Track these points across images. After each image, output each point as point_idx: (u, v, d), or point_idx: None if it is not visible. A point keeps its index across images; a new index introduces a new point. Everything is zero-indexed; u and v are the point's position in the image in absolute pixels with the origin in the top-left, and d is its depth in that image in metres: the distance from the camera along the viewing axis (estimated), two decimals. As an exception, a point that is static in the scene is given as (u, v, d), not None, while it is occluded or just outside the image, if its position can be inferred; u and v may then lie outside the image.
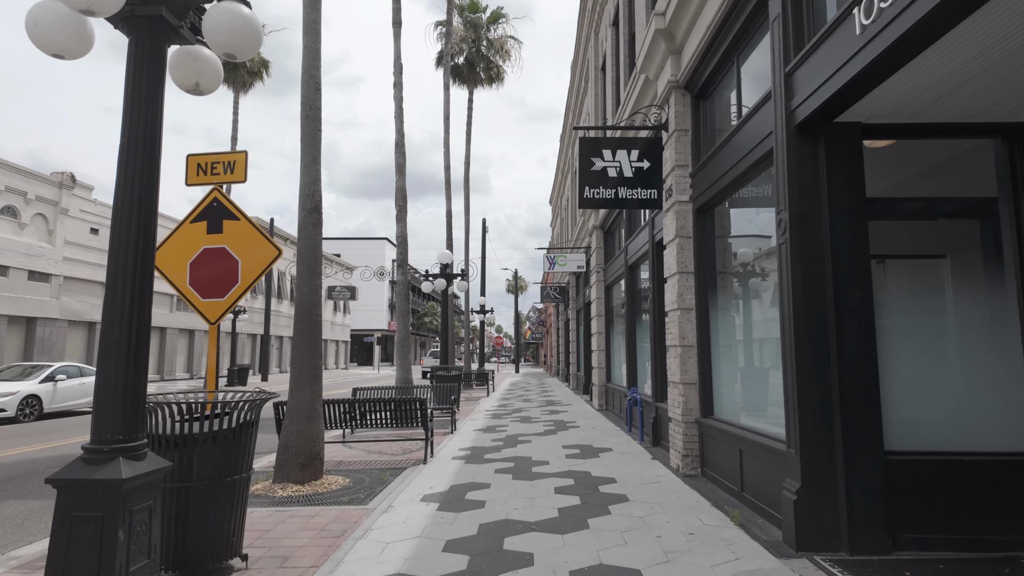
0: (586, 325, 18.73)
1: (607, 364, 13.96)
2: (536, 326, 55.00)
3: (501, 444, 9.24)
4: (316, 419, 6.83)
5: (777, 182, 4.54)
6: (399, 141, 13.20)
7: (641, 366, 10.54)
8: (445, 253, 16.11)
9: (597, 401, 14.12)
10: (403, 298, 12.75)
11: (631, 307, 10.99)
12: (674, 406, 6.88)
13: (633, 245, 10.59)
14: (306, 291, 7.02)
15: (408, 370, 12.60)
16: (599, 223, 14.19)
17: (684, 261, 6.77)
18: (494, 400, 18.02)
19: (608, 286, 14.00)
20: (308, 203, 7.14)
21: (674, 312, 6.87)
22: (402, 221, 12.95)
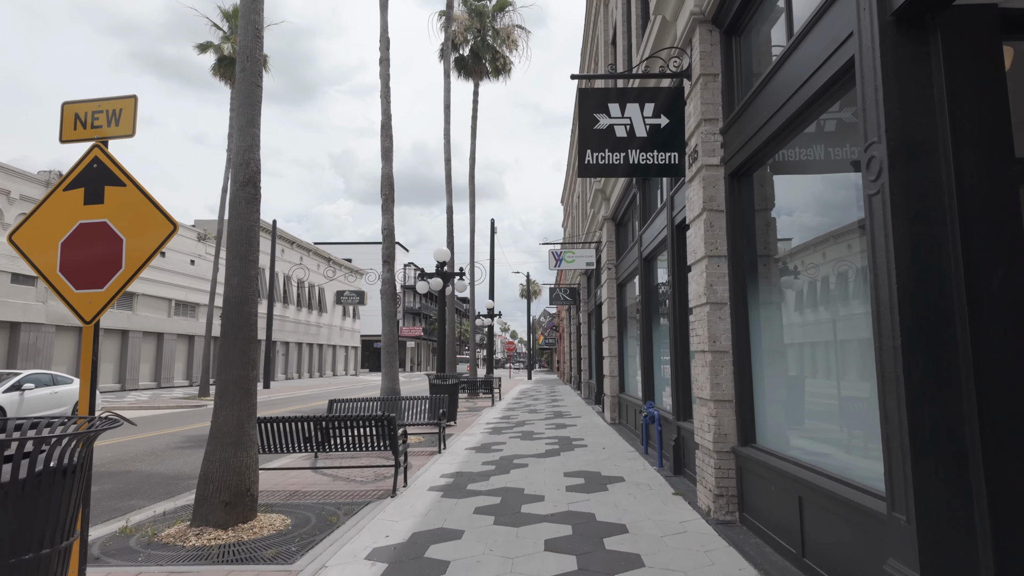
0: (597, 329, 17.19)
1: (620, 372, 12.41)
2: (549, 331, 53.39)
3: (492, 469, 7.75)
4: (245, 445, 5.40)
5: (863, 104, 3.02)
6: (385, 123, 11.83)
7: (658, 376, 8.99)
8: (442, 250, 14.70)
9: (609, 414, 12.57)
10: (389, 299, 11.35)
11: (646, 307, 9.46)
12: (703, 429, 5.34)
13: (648, 234, 9.07)
14: (236, 283, 5.61)
15: (395, 379, 11.18)
16: (610, 214, 12.68)
17: (714, 242, 5.25)
18: (498, 411, 16.53)
19: (620, 284, 12.47)
20: (242, 174, 5.74)
21: (701, 308, 5.34)
22: (388, 212, 11.56)
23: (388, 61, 12.01)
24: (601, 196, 12.93)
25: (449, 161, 18.92)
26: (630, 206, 11.21)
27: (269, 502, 6.26)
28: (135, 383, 27.42)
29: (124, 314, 26.68)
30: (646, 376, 9.25)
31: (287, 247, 43.39)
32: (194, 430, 13.68)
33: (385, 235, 11.53)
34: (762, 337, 4.97)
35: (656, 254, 8.89)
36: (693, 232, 5.58)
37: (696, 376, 5.49)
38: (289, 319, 44.07)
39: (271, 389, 31.01)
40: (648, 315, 9.40)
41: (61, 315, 23.17)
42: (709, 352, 5.17)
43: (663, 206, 7.90)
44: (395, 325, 11.41)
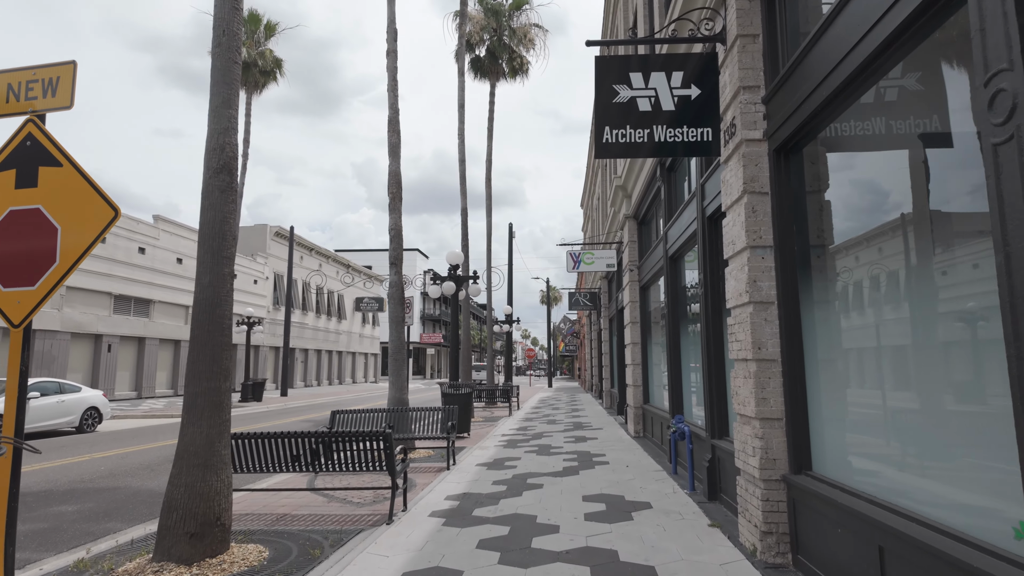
0: (619, 335, 16.33)
1: (644, 381, 11.55)
2: (569, 338, 52.45)
3: (503, 490, 6.98)
4: (216, 467, 4.72)
5: (982, 19, 2.22)
6: (392, 118, 11.21)
7: (688, 387, 8.14)
8: (455, 253, 14.02)
9: (633, 426, 11.70)
10: (397, 303, 10.68)
11: (673, 310, 8.62)
12: (746, 452, 4.51)
13: (675, 230, 8.25)
14: (207, 282, 4.95)
15: (403, 388, 10.48)
16: (631, 211, 11.86)
17: (757, 230, 4.44)
18: (515, 421, 15.75)
19: (644, 286, 11.63)
20: (216, 159, 5.10)
21: (743, 308, 4.53)
22: (395, 211, 10.90)
23: (395, 53, 11.40)
24: (622, 193, 12.13)
25: (463, 162, 18.29)
26: (654, 202, 10.39)
27: (250, 528, 5.59)
28: (152, 391, 27.24)
29: (140, 321, 26.54)
30: (674, 387, 8.40)
31: (306, 254, 43.24)
32: (198, 441, 13.16)
33: (392, 236, 10.87)
34: (818, 342, 4.14)
35: (684, 251, 8.07)
36: (731, 220, 4.77)
37: (737, 389, 4.67)
38: (308, 326, 43.86)
39: (288, 397, 30.66)
40: (675, 319, 8.56)
41: (76, 322, 23.03)
42: (753, 361, 4.35)
43: (692, 196, 7.09)
44: (404, 331, 10.73)
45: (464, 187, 18.24)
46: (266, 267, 37.71)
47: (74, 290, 22.97)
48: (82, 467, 9.78)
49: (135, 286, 26.06)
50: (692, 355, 7.88)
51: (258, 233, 38.63)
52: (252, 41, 27.03)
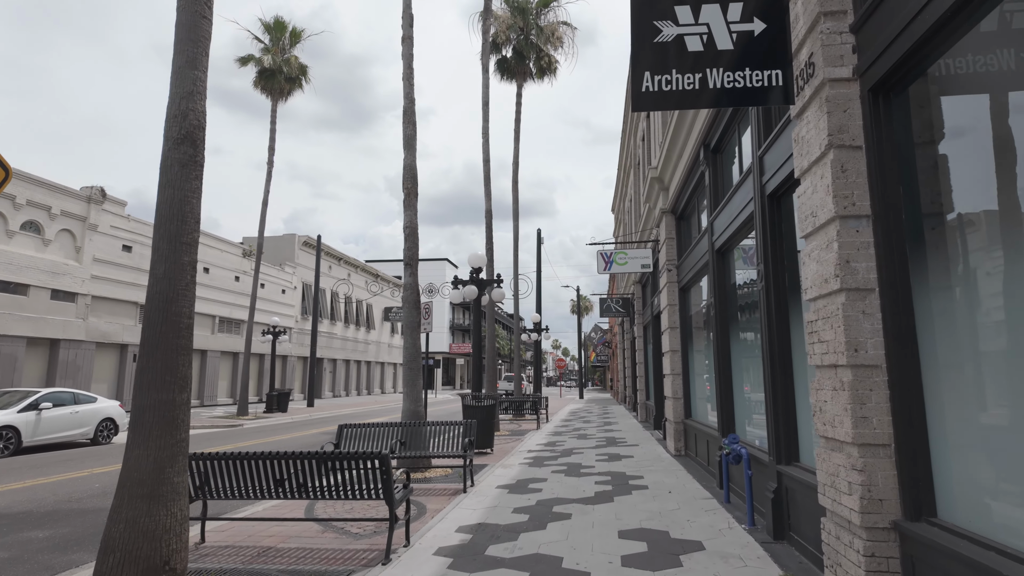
0: (655, 343, 15.15)
1: (685, 393, 10.39)
2: (600, 347, 51.03)
3: (524, 520, 5.97)
4: (165, 498, 3.85)
5: None
6: (408, 108, 10.41)
7: (741, 400, 7.01)
8: (476, 255, 13.12)
9: (673, 443, 10.54)
10: (412, 307, 9.81)
11: (721, 311, 7.50)
12: (836, 488, 3.42)
13: (723, 218, 7.16)
14: (162, 272, 4.12)
15: (418, 400, 9.57)
16: (669, 205, 10.77)
17: (848, 195, 3.38)
18: (543, 435, 14.69)
19: (684, 288, 10.51)
20: (176, 128, 4.28)
21: (830, 299, 3.47)
22: (411, 207, 10.06)
23: (412, 40, 10.62)
24: (658, 185, 11.05)
25: (487, 162, 17.45)
26: (695, 191, 9.30)
27: (221, 568, 4.70)
28: (177, 401, 27.01)
29: (166, 331, 26.37)
30: (723, 400, 7.27)
31: (334, 263, 43.06)
32: (208, 455, 12.49)
33: (407, 234, 10.02)
34: (938, 341, 3.05)
35: (735, 241, 6.97)
36: (809, 187, 3.71)
37: (821, 404, 3.59)
38: (337, 336, 43.59)
39: (314, 407, 30.16)
40: (724, 321, 7.44)
41: (102, 332, 22.90)
42: (847, 367, 3.27)
43: (746, 174, 6.02)
44: (419, 338, 9.84)
45: (488, 188, 17.38)
46: (294, 277, 37.54)
47: (100, 300, 22.86)
48: (76, 484, 9.12)
49: (161, 295, 25.92)
50: (746, 363, 6.76)
51: (287, 243, 38.55)
52: (277, 48, 26.84)
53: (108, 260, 23.11)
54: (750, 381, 6.61)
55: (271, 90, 26.77)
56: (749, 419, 6.59)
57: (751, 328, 6.52)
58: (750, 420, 6.55)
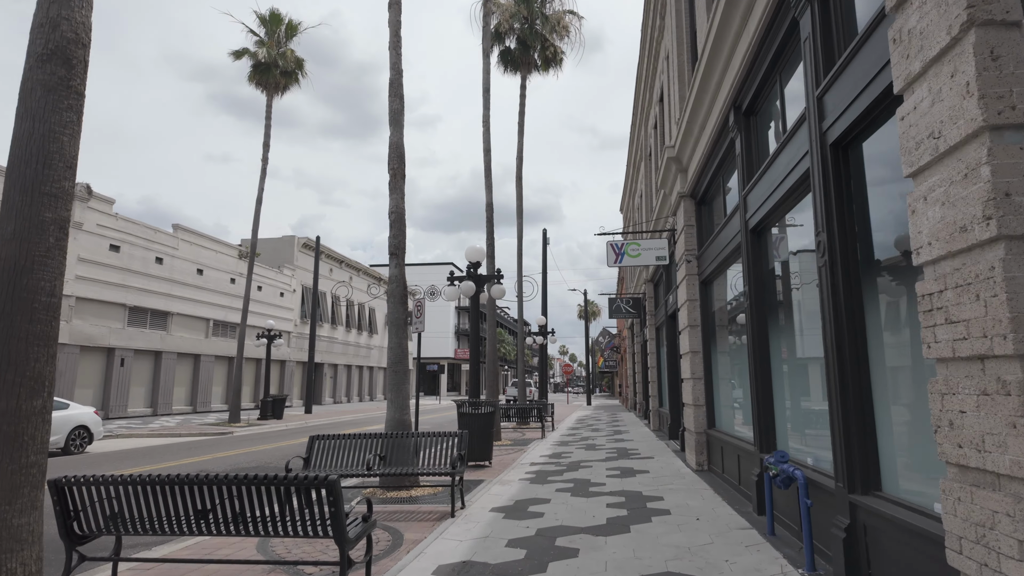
0: (671, 344, 13.93)
1: (708, 400, 9.17)
2: (609, 352, 49.70)
3: (520, 559, 4.78)
4: (7, 543, 2.70)
5: None
6: (394, 80, 9.30)
7: (783, 408, 5.79)
8: (474, 248, 11.98)
9: (694, 456, 9.31)
10: (398, 301, 8.68)
11: (758, 302, 6.30)
12: (989, 545, 2.22)
13: (761, 189, 5.98)
14: (11, 232, 3.08)
15: (404, 408, 8.41)
16: (688, 189, 9.58)
17: (1002, 95, 2.19)
18: (548, 445, 13.48)
19: (706, 280, 9.30)
20: (43, 41, 3.23)
21: (969, 256, 2.29)
22: (397, 190, 8.94)
23: (399, 5, 9.53)
24: (675, 167, 9.86)
25: (488, 152, 16.34)
26: (720, 168, 8.11)
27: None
28: (168, 408, 25.97)
29: (157, 334, 25.38)
30: (761, 408, 6.06)
31: (335, 266, 42.07)
32: (185, 466, 11.39)
33: (393, 219, 8.89)
34: None
35: (777, 214, 5.77)
36: (924, 97, 2.53)
37: (955, 417, 2.39)
38: (338, 341, 42.55)
39: (312, 414, 29.06)
40: (761, 314, 6.24)
41: (87, 335, 21.91)
42: (1011, 358, 2.08)
43: (796, 125, 4.83)
44: (406, 336, 8.68)
45: (489, 180, 16.25)
46: (293, 279, 36.55)
47: (85, 301, 21.88)
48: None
49: (151, 297, 24.95)
50: (793, 363, 5.56)
51: (286, 244, 37.60)
52: (273, 41, 25.92)
53: (94, 260, 22.14)
54: (798, 385, 5.41)
55: (266, 85, 25.83)
56: (799, 432, 5.38)
57: (799, 319, 5.33)
58: (801, 434, 5.34)
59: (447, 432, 7.46)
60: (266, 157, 25.24)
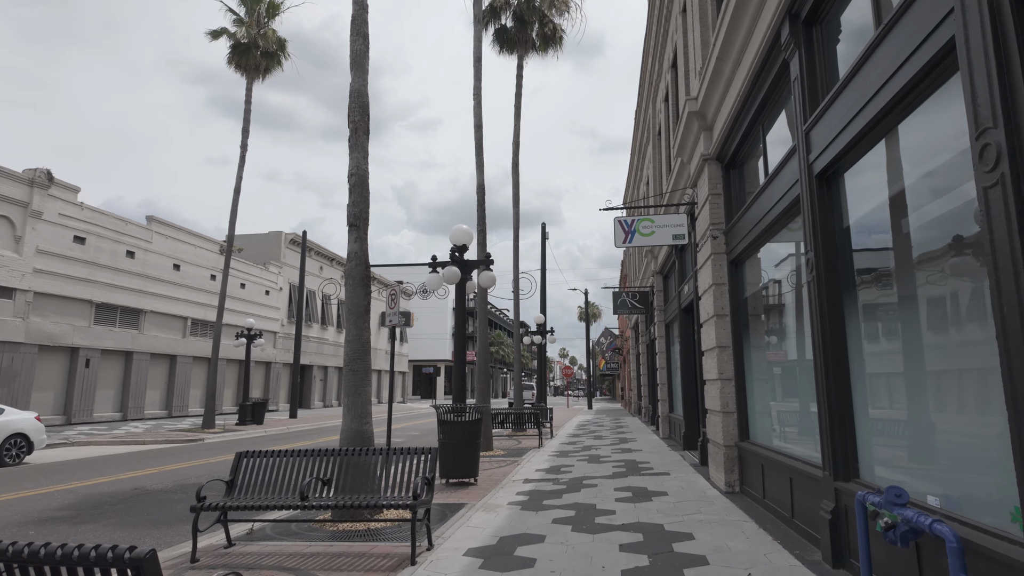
0: (685, 341, 12.25)
1: (740, 406, 7.49)
2: (610, 354, 47.99)
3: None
4: None
5: None
6: (357, 15, 7.63)
7: (866, 418, 4.10)
8: (460, 230, 10.32)
9: (723, 474, 7.63)
10: (358, 283, 6.99)
11: (827, 275, 4.60)
12: None
13: (831, 121, 4.30)
14: None
15: (363, 417, 6.73)
16: (714, 150, 7.92)
17: None
18: (546, 456, 11.79)
19: (737, 260, 7.63)
20: None
21: None
22: (358, 148, 7.28)
23: (365, -70, 7.86)
24: (698, 123, 8.18)
25: (480, 128, 14.69)
26: (761, 113, 6.44)
27: None
28: (140, 412, 24.26)
29: (128, 333, 23.68)
30: (836, 419, 4.36)
31: (325, 264, 40.40)
32: (138, 478, 9.71)
33: (353, 183, 7.22)
34: None
35: (860, 150, 4.09)
36: None
37: None
38: (328, 342, 40.85)
39: (297, 418, 27.38)
40: (832, 291, 4.54)
41: (47, 333, 20.22)
42: None
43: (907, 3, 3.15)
44: (367, 327, 7.00)
45: (481, 159, 14.59)
46: (280, 277, 34.86)
47: (45, 297, 20.20)
48: None
49: (121, 293, 23.26)
50: (886, 357, 3.88)
51: (272, 240, 35.93)
52: (253, 20, 24.29)
53: (56, 252, 20.46)
54: (899, 387, 3.73)
55: (246, 67, 24.19)
56: (902, 453, 3.69)
57: (899, 294, 3.66)
58: (906, 456, 3.65)
59: (414, 448, 5.78)
60: (245, 144, 23.58)
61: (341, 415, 33.58)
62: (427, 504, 5.26)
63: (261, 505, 5.23)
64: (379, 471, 5.83)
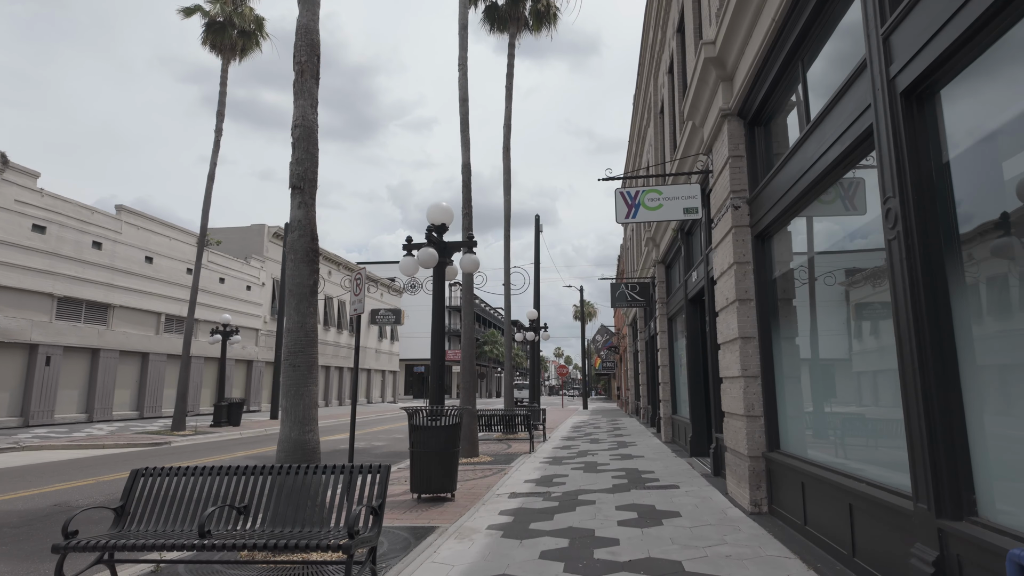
0: (693, 334, 10.96)
1: (768, 409, 6.20)
2: (607, 352, 46.74)
3: None
4: None
5: None
6: (307, -62, 6.32)
7: (981, 433, 2.81)
8: (438, 207, 9.01)
9: (746, 491, 6.35)
10: (301, 259, 5.67)
11: (921, 234, 3.31)
12: None
13: (932, 6, 3.01)
14: None
15: (306, 423, 5.43)
16: (734, 104, 6.63)
17: None
18: (537, 463, 10.50)
19: (764, 234, 6.35)
20: None
21: None
22: (304, 95, 5.98)
23: None
24: (716, 73, 6.88)
25: (465, 101, 13.37)
26: (802, 43, 5.15)
27: None
28: (108, 413, 22.82)
29: (94, 329, 22.24)
30: (933, 433, 3.08)
31: (311, 259, 38.90)
32: (67, 492, 8.34)
33: (297, 136, 5.90)
34: None
35: (970, 51, 2.80)
36: None
37: None
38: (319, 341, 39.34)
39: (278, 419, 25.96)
40: (931, 255, 3.26)
41: (1, 328, 18.78)
42: None
43: None
44: (311, 314, 5.69)
45: (467, 136, 13.27)
46: (262, 272, 33.43)
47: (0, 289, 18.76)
48: None
49: (87, 287, 21.82)
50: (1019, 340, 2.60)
51: (254, 234, 34.47)
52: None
53: (11, 241, 19.02)
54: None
55: (221, 47, 22.78)
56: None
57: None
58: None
59: (360, 466, 4.48)
60: (220, 128, 22.18)
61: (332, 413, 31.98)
62: (370, 542, 3.95)
63: (152, 544, 3.91)
64: (323, 494, 4.52)
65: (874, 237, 4.06)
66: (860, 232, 4.35)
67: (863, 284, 4.31)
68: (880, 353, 4.04)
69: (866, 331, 4.28)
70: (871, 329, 4.19)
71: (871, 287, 4.14)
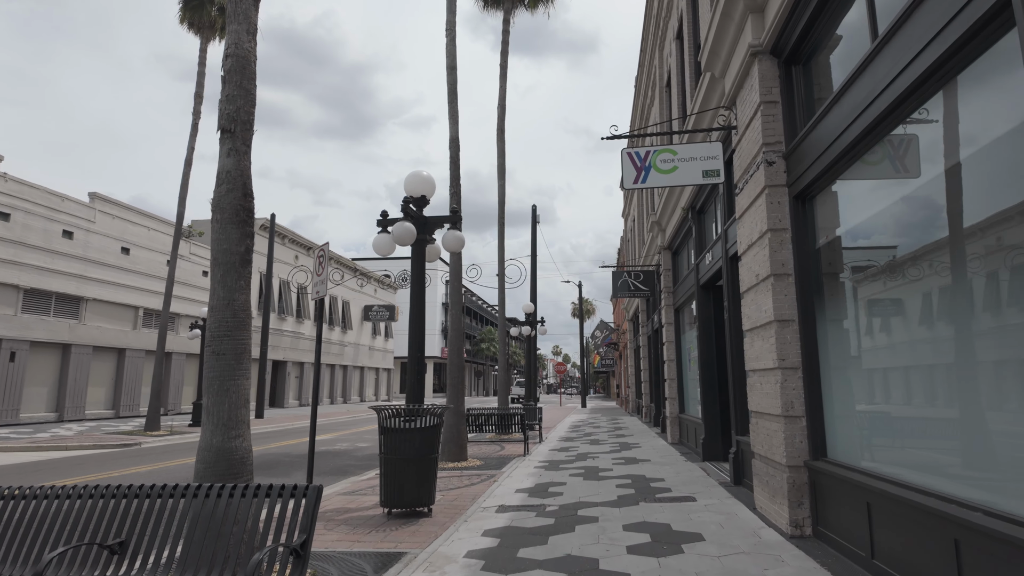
0: (705, 324, 9.81)
1: (812, 409, 5.05)
2: (605, 349, 45.60)
3: None
4: None
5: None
6: None
7: None
8: (417, 176, 7.85)
9: (785, 509, 5.20)
10: (230, 219, 4.46)
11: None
12: None
13: None
14: None
15: (230, 426, 4.28)
16: (766, 40, 5.47)
17: None
18: (532, 468, 9.35)
19: (805, 194, 5.20)
20: None
21: None
22: (239, 18, 4.83)
23: None
24: (744, 2, 5.73)
25: (453, 69, 12.23)
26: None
27: None
28: (80, 411, 21.61)
29: (65, 323, 21.02)
30: None
31: (301, 253, 37.75)
32: None
33: (228, 68, 4.74)
34: None
35: None
36: None
37: None
38: (305, 336, 38.22)
39: (264, 419, 24.88)
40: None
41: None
42: None
43: None
44: (242, 288, 4.54)
45: (455, 107, 12.11)
46: (249, 265, 32.16)
47: (-42, 280, 17.55)
48: None
49: (56, 278, 20.60)
50: None
51: (241, 226, 33.18)
52: (207, -29, 21.62)
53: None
54: None
55: (200, 25, 21.56)
56: None
57: None
58: None
59: (283, 487, 3.31)
60: (198, 111, 20.95)
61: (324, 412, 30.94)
62: (286, 597, 2.79)
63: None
64: (245, 523, 3.35)
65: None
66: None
67: (924, 258, 3.15)
68: (996, 335, 2.90)
69: (960, 308, 3.13)
70: (967, 306, 3.04)
71: (927, 266, 2.99)
